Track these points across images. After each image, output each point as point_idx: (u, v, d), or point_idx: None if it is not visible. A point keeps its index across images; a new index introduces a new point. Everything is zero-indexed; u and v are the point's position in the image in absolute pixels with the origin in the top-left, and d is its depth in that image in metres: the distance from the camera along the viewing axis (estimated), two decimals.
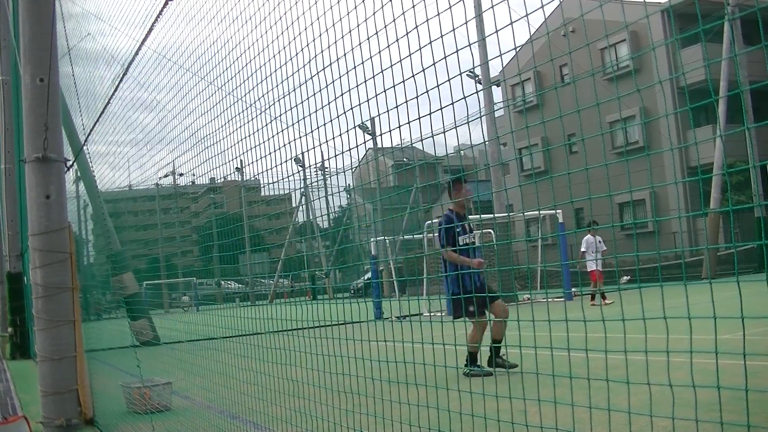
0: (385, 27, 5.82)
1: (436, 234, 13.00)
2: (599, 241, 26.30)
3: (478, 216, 25.94)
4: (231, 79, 8.74)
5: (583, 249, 26.52)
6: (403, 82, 5.74)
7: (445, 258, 11.85)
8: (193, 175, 11.79)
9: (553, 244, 40.59)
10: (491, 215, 30.70)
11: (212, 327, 10.94)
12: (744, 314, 4.27)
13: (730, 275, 32.44)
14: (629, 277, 28.50)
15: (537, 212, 29.35)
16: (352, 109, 6.50)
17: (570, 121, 5.39)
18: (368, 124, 8.88)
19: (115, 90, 11.16)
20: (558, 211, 31.78)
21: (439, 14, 5.34)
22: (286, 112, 7.58)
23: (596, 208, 37.43)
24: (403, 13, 5.59)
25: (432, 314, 15.51)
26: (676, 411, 4.55)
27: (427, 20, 5.42)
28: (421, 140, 6.32)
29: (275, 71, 7.64)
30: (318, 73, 6.87)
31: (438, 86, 5.47)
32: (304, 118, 7.29)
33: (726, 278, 29.39)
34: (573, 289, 27.59)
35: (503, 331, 11.40)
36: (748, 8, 36.94)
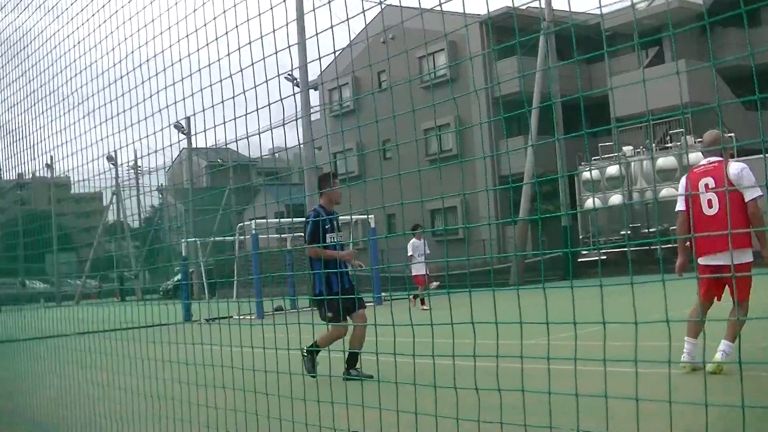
0: (205, 25, 5.71)
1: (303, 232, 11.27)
2: (425, 245, 26.39)
3: (290, 219, 25.87)
4: (43, 71, 8.45)
5: (410, 253, 26.52)
6: (221, 81, 5.64)
7: (311, 255, 10.60)
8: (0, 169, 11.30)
9: (364, 248, 40.91)
10: (303, 218, 30.58)
11: (14, 329, 10.53)
12: (549, 320, 4.37)
13: (537, 282, 33.35)
14: (438, 282, 28.96)
15: (349, 217, 29.51)
16: (167, 107, 6.37)
17: (386, 127, 5.40)
18: (183, 123, 8.73)
19: None
20: (370, 216, 32.01)
21: (260, 14, 5.27)
22: (99, 108, 7.38)
23: (409, 214, 37.90)
24: (224, 12, 5.50)
25: (241, 317, 15.32)
26: (481, 414, 4.62)
27: (248, 20, 5.34)
28: (236, 141, 6.24)
29: (89, 66, 7.42)
30: (134, 69, 6.71)
31: (255, 87, 5.41)
32: (118, 114, 7.11)
33: (533, 285, 30.25)
34: (382, 294, 27.76)
35: (362, 341, 10.17)
36: (562, 24, 38.16)
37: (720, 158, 8.19)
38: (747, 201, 7.99)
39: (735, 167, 8.11)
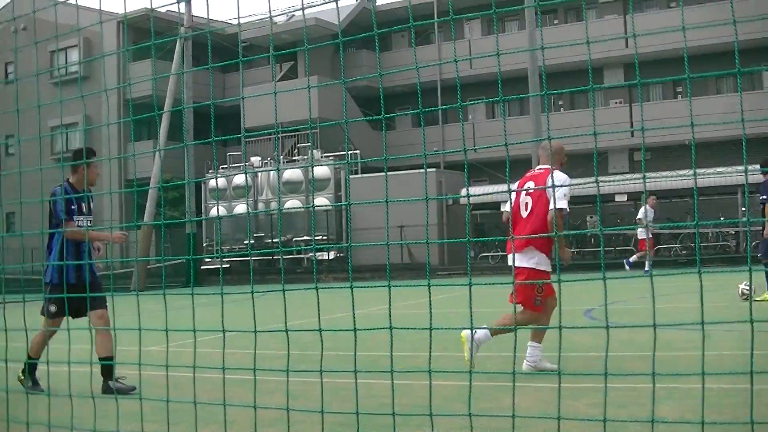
0: None
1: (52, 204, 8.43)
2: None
3: None
4: None
5: None
6: None
7: (68, 236, 8.26)
8: None
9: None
10: None
11: None
12: (169, 327, 4.34)
13: (159, 288, 32.96)
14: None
15: None
16: None
17: (9, 121, 5.15)
18: None
19: None
20: None
21: None
22: None
23: (30, 213, 36.33)
24: None
25: None
26: (98, 423, 4.50)
27: None
28: None
29: None
30: None
31: None
32: None
33: (155, 291, 29.94)
34: None
35: (111, 346, 7.93)
36: (199, 30, 38.13)
37: (552, 166, 8.16)
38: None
39: (556, 177, 8.05)
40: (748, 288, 14.48)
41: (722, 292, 14.52)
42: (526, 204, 8.19)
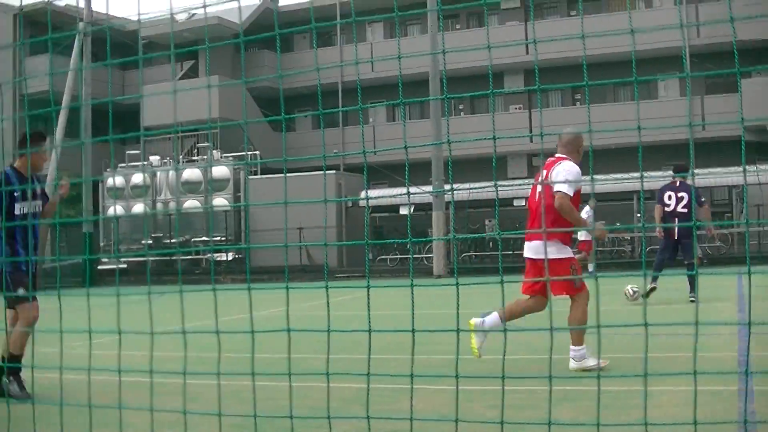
0: None
1: None
2: None
3: None
4: None
5: None
6: None
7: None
8: None
9: None
10: None
11: None
12: (64, 328, 4.25)
13: (55, 288, 32.43)
14: None
15: None
16: None
17: None
18: None
19: None
20: None
21: None
22: None
23: None
24: None
25: None
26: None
27: None
28: None
29: None
30: None
31: None
32: None
33: (50, 291, 29.38)
34: None
35: (24, 344, 7.51)
36: (98, 26, 37.57)
37: (564, 156, 8.08)
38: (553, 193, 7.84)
39: (560, 165, 7.98)
40: (634, 290, 14.86)
41: (617, 296, 14.81)
42: (538, 194, 8.16)
